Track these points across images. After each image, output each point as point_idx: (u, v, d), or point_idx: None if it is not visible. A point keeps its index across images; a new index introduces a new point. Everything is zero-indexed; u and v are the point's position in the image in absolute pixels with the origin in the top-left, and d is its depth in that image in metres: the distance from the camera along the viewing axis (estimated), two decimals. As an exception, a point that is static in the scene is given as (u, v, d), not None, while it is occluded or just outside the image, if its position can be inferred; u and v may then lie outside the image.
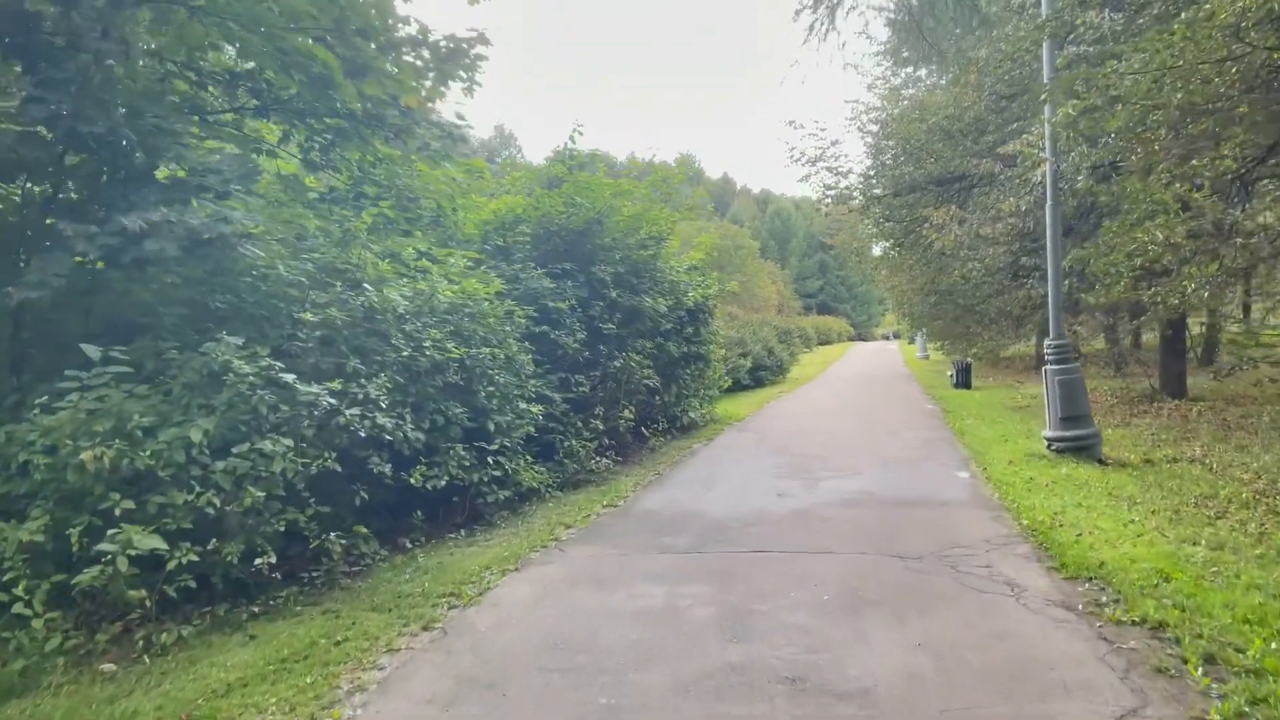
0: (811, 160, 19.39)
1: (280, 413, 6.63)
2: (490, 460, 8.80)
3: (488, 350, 8.92)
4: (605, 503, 9.51)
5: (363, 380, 7.32)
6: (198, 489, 6.06)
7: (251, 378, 6.41)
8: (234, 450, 6.22)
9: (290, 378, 6.55)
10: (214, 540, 6.09)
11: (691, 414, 15.82)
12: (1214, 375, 16.77)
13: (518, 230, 11.66)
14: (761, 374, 29.50)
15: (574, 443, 10.93)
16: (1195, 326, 20.96)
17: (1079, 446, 11.32)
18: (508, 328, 9.62)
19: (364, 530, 7.22)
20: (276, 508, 6.52)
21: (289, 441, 6.43)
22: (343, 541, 6.72)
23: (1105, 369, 21.51)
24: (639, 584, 6.31)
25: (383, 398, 7.26)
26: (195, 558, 5.97)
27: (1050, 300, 11.70)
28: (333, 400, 6.76)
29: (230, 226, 6.55)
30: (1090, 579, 6.17)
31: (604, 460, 11.30)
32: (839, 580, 6.23)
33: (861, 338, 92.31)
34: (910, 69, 22.51)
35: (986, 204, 13.87)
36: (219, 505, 6.07)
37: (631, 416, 12.20)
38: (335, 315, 7.32)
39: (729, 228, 69.40)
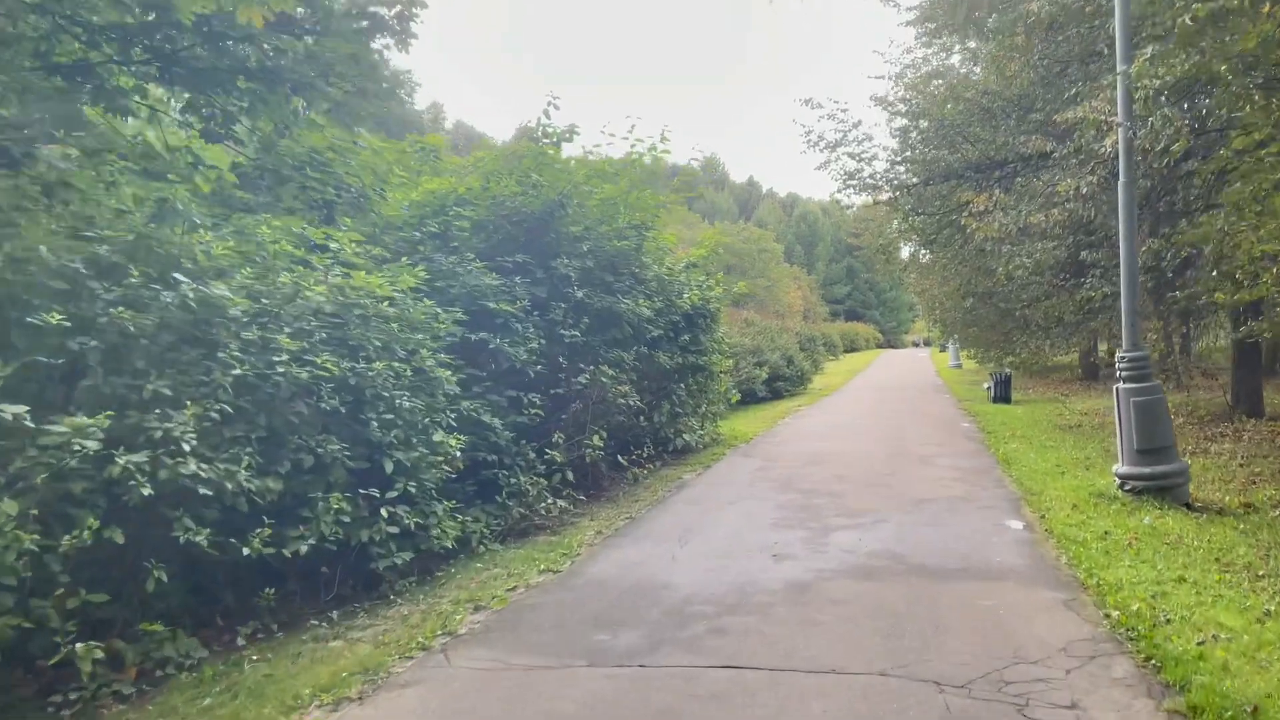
0: (831, 145, 17.08)
1: (9, 464, 4.49)
2: (385, 511, 6.59)
3: (381, 365, 6.71)
4: (545, 565, 7.27)
5: (167, 409, 5.14)
6: None
7: (-46, 411, 4.27)
8: (-94, 524, 4.09)
9: (14, 411, 4.38)
10: None
11: (686, 436, 13.55)
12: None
13: (452, 213, 9.46)
14: (780, 385, 27.16)
15: (522, 480, 8.72)
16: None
17: (1161, 487, 8.95)
18: (420, 334, 7.42)
19: (158, 627, 5.04)
20: (5, 604, 4.38)
21: (11, 507, 4.28)
22: (97, 653, 4.53)
23: (1164, 382, 18.92)
24: (527, 739, 4.06)
25: (190, 434, 5.08)
26: None
27: (1123, 302, 9.33)
28: (90, 443, 4.59)
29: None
30: (1246, 741, 3.86)
31: (561, 502, 9.07)
32: (841, 738, 3.94)
33: (890, 345, 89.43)
34: (944, 56, 20.14)
35: (1036, 189, 11.54)
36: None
37: (601, 444, 9.95)
38: (126, 318, 5.14)
39: (751, 230, 67.07)
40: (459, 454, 7.36)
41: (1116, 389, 9.26)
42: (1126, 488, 9.11)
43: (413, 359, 7.21)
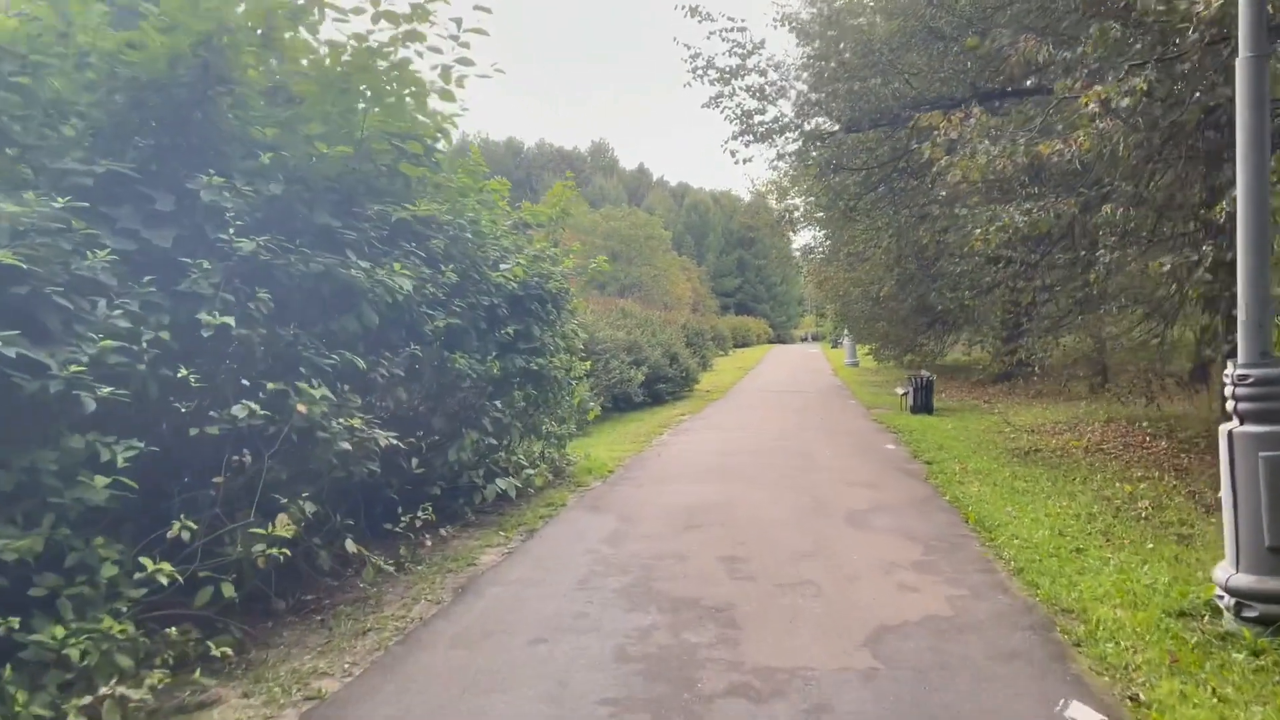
0: (725, 75, 12.68)
1: None
2: None
3: None
4: None
5: None
6: None
7: None
8: None
9: None
10: None
11: (501, 483, 8.88)
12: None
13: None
14: (661, 388, 22.89)
15: (57, 634, 3.98)
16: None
17: (1318, 618, 4.87)
18: None
19: None
20: None
21: None
22: None
23: (1129, 393, 15.29)
24: None
25: None
26: None
27: (1243, 278, 5.18)
28: None
29: None
30: None
31: (129, 692, 4.32)
32: None
33: (781, 340, 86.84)
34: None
35: (1038, 111, 7.50)
36: None
37: (292, 530, 5.22)
38: None
39: (637, 215, 62.91)
40: None
41: (1228, 434, 5.13)
42: (1250, 614, 4.99)
43: None
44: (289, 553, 5.11)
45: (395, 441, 6.34)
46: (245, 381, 5.09)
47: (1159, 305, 12.79)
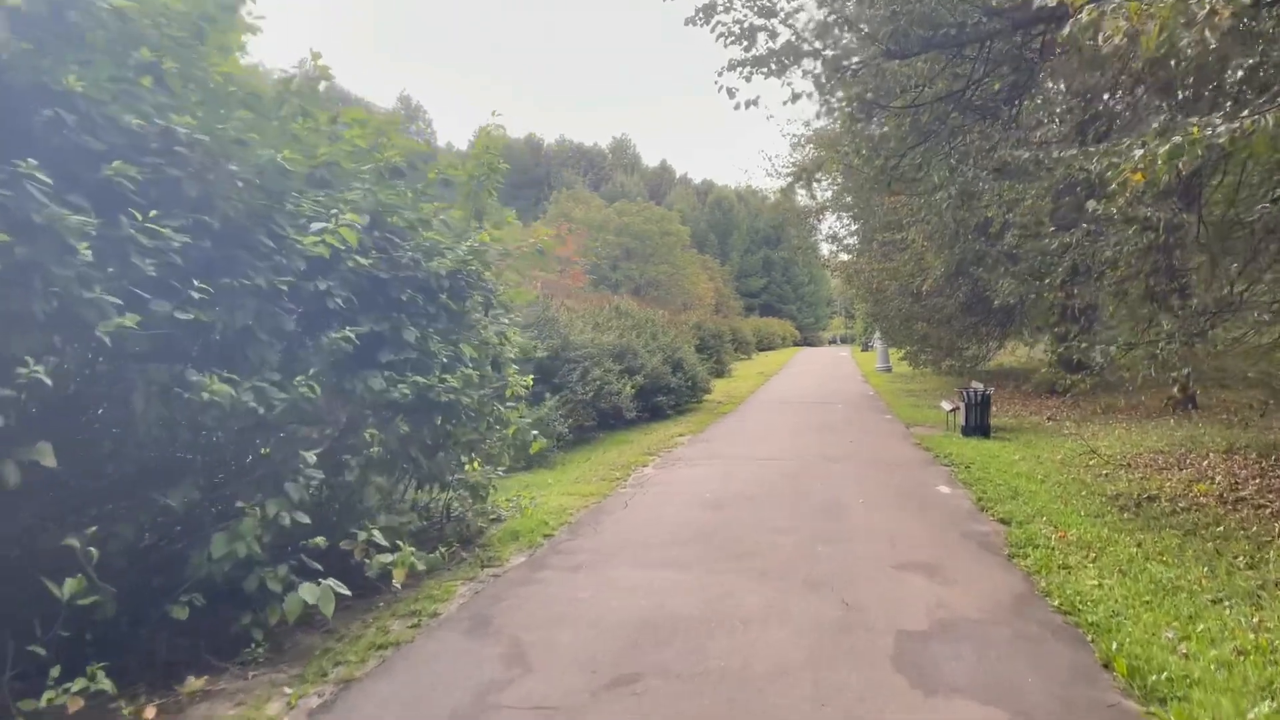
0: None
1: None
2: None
3: None
4: None
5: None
6: None
7: None
8: None
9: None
10: None
11: (304, 594, 5.38)
12: None
13: None
14: (661, 401, 19.34)
15: None
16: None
17: None
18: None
19: None
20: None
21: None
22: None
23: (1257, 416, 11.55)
24: None
25: None
26: None
27: None
28: None
29: None
30: None
31: None
32: None
33: (808, 343, 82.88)
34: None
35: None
36: None
37: None
38: None
39: (653, 209, 59.29)
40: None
41: None
42: None
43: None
44: None
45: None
46: None
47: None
